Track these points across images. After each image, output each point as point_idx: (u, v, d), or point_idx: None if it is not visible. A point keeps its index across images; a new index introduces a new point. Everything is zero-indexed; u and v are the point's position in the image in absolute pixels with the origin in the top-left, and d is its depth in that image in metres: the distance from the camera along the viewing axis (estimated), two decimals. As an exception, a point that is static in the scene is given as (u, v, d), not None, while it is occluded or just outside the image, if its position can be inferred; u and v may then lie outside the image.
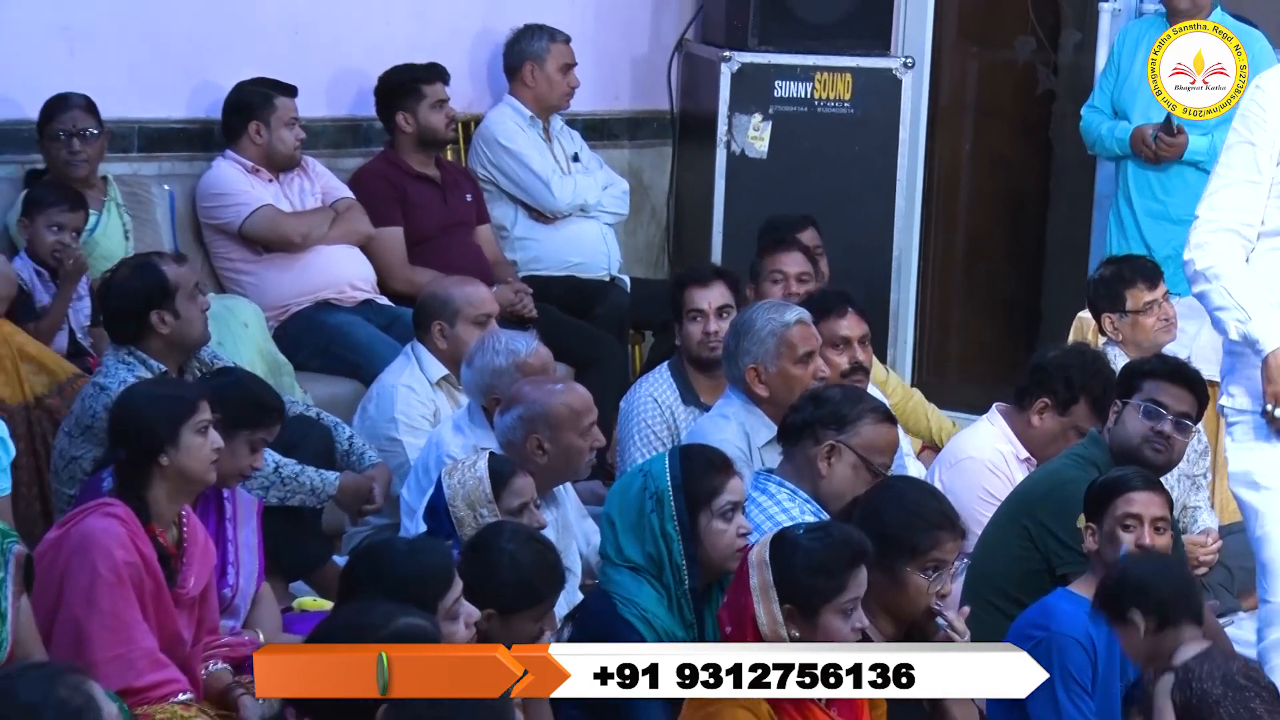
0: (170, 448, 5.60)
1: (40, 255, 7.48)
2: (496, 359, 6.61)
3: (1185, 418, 6.28)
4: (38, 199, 7.53)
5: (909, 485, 5.69)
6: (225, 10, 8.50)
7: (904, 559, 5.19)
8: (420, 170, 8.68)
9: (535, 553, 5.31)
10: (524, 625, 5.17)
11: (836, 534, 4.96)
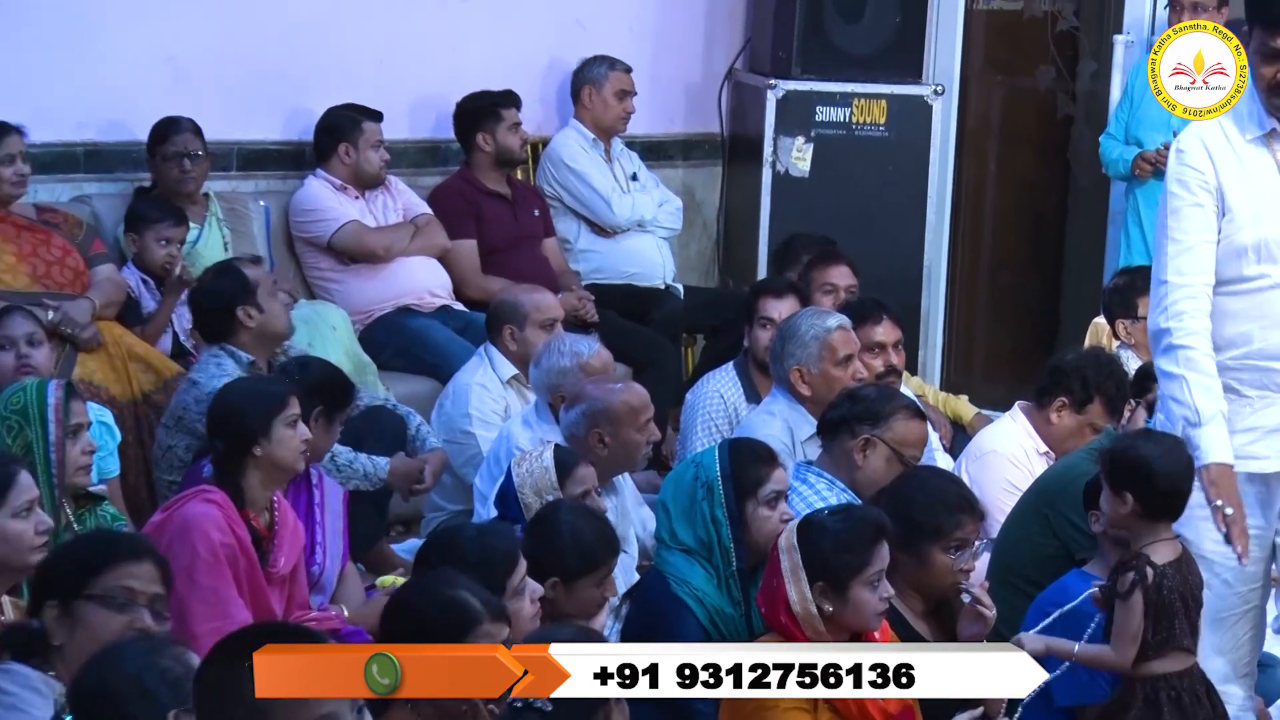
0: (263, 439, 5.62)
1: (149, 266, 7.51)
2: (562, 360, 6.62)
3: None
4: (144, 215, 7.56)
5: (930, 473, 5.68)
6: (316, 41, 8.52)
7: (929, 540, 5.17)
8: (493, 188, 8.69)
9: (591, 523, 5.35)
10: (586, 590, 5.19)
11: (858, 514, 4.97)
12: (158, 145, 7.82)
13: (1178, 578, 4.87)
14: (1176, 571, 4.87)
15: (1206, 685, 4.93)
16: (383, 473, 6.75)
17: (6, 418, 5.36)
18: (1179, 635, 4.85)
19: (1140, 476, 4.98)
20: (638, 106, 9.16)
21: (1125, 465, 5.04)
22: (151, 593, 4.20)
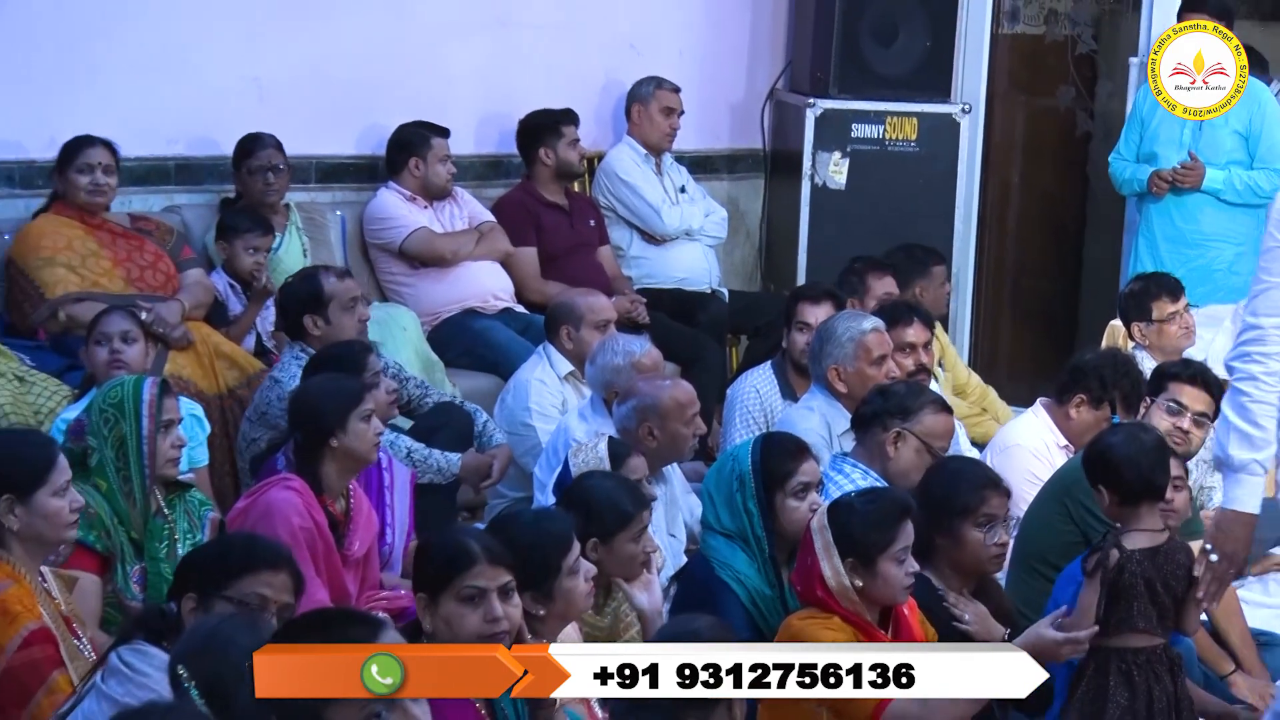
0: (340, 432, 5.64)
1: (238, 273, 7.54)
2: (615, 358, 6.61)
3: (1202, 415, 6.32)
4: (234, 225, 7.58)
5: (953, 459, 5.66)
6: (389, 63, 8.54)
7: (959, 518, 5.16)
8: (552, 199, 8.69)
9: (618, 482, 5.36)
10: (625, 546, 5.18)
11: (884, 495, 4.99)
12: (243, 159, 7.86)
13: (1147, 564, 4.89)
14: (1148, 559, 4.90)
15: (1171, 665, 4.94)
16: (455, 468, 6.78)
17: (104, 410, 5.38)
18: (1135, 617, 4.89)
19: (1108, 468, 5.03)
20: (686, 124, 9.15)
21: (1094, 460, 5.09)
22: (282, 601, 4.22)
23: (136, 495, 5.29)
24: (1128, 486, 4.98)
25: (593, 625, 5.22)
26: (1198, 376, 6.44)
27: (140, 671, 4.01)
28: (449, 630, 4.32)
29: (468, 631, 4.31)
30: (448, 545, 4.40)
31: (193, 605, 4.13)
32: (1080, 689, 4.95)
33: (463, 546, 4.35)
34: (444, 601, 4.33)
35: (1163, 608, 4.91)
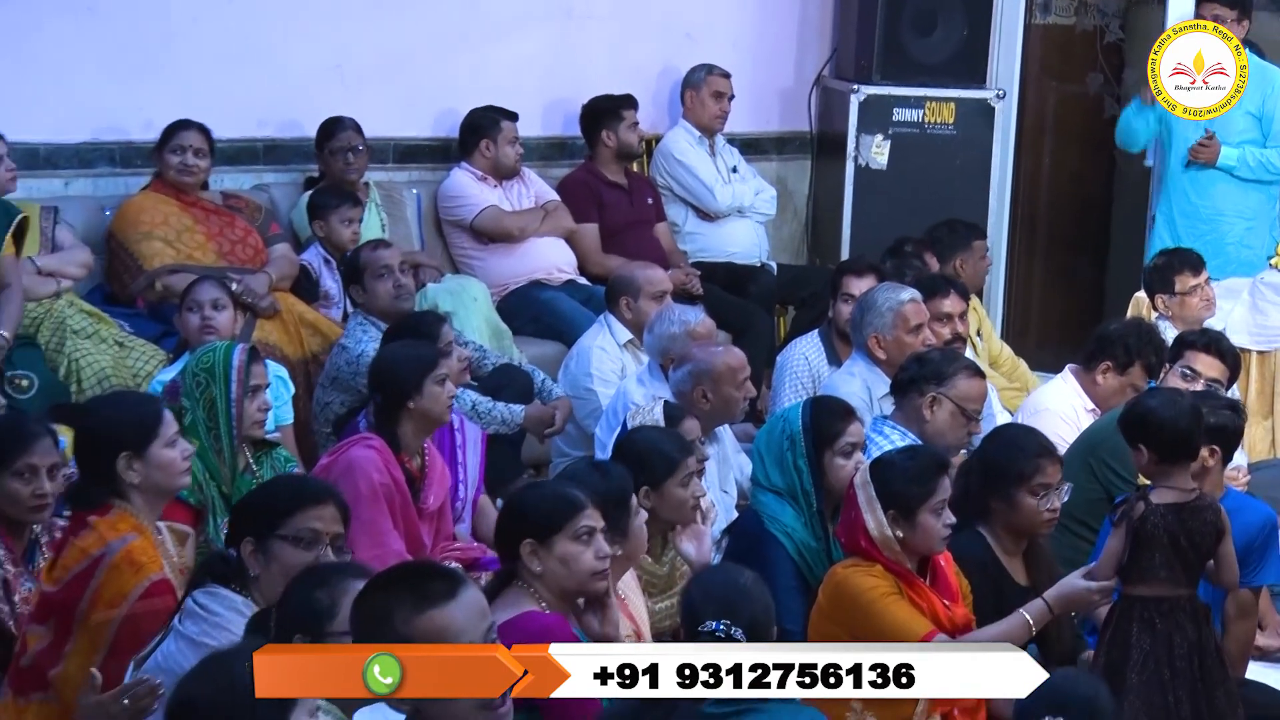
0: (416, 395, 5.65)
1: (338, 244, 7.57)
2: (671, 327, 6.61)
3: (1215, 382, 6.32)
4: (326, 203, 7.60)
5: (1011, 427, 5.56)
6: (461, 51, 8.54)
7: (1015, 485, 5.10)
8: (613, 179, 8.68)
9: (661, 431, 5.38)
10: (675, 491, 5.18)
11: (922, 451, 5.01)
12: (325, 141, 7.88)
13: (1171, 518, 4.84)
14: (1173, 513, 4.85)
15: (1196, 615, 4.89)
16: (519, 418, 6.80)
17: (197, 374, 5.39)
18: (1156, 567, 4.84)
19: (1148, 428, 4.97)
20: (738, 108, 9.12)
21: (1134, 421, 5.04)
22: (333, 532, 4.22)
23: (226, 453, 5.30)
24: (1167, 446, 4.94)
25: (651, 573, 5.23)
26: (1212, 345, 6.44)
27: (213, 611, 4.03)
28: (565, 569, 4.33)
29: (584, 567, 4.33)
30: (558, 493, 4.43)
31: (251, 549, 4.12)
32: (1107, 635, 4.92)
33: (572, 494, 4.38)
34: (558, 543, 4.33)
35: (1186, 560, 4.86)
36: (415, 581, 3.23)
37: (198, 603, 4.05)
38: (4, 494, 4.79)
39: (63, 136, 7.50)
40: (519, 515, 4.42)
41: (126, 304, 7.23)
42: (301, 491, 4.29)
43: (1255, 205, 8.77)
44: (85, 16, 7.48)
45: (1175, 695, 4.80)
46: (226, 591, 4.07)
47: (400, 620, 3.14)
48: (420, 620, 3.14)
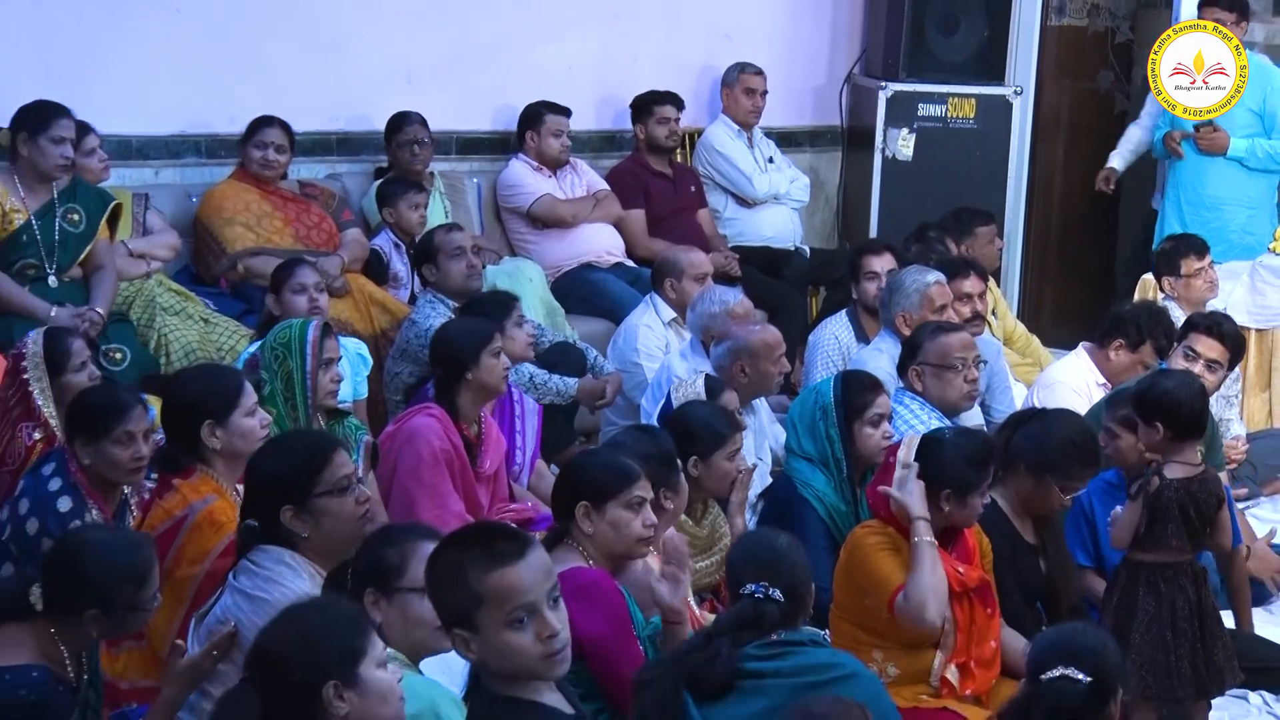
0: (474, 367, 5.63)
1: (407, 227, 7.55)
2: (712, 306, 6.58)
3: (1215, 362, 6.29)
4: (394, 191, 7.59)
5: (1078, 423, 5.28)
6: (520, 51, 8.51)
7: (1057, 478, 5.01)
8: (658, 169, 8.66)
9: (712, 407, 5.36)
10: (721, 463, 5.19)
11: (976, 435, 4.95)
12: (393, 134, 7.87)
13: (1183, 491, 4.81)
14: (1184, 486, 4.82)
15: (1195, 578, 4.86)
16: (572, 390, 6.79)
17: (275, 349, 5.38)
18: (1168, 535, 4.81)
19: (1166, 408, 4.91)
20: (774, 103, 9.08)
21: (1152, 400, 4.96)
22: (354, 469, 4.19)
23: (301, 421, 5.28)
24: (1182, 424, 4.90)
25: (693, 534, 5.22)
26: (1214, 328, 6.39)
27: (264, 566, 4.01)
28: (614, 532, 4.31)
29: (631, 533, 4.32)
30: (616, 463, 4.39)
31: (292, 513, 4.06)
32: (1114, 598, 4.88)
33: (628, 465, 4.35)
34: (610, 509, 4.31)
35: (1193, 528, 4.83)
36: (488, 541, 3.22)
37: (250, 559, 4.03)
38: (104, 458, 4.79)
39: (153, 129, 7.51)
40: (577, 479, 4.38)
41: (211, 284, 7.24)
42: (320, 449, 4.19)
43: (1257, 194, 8.75)
44: (173, 19, 7.48)
45: (1177, 653, 4.77)
46: (273, 547, 4.04)
47: (473, 576, 3.14)
48: (492, 577, 3.13)
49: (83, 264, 6.57)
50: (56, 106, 6.46)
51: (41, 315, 6.27)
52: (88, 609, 3.86)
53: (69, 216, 6.51)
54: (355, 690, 3.10)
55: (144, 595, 3.92)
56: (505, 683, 3.20)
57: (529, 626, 3.14)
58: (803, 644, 3.94)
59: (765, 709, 3.78)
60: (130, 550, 3.99)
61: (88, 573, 3.88)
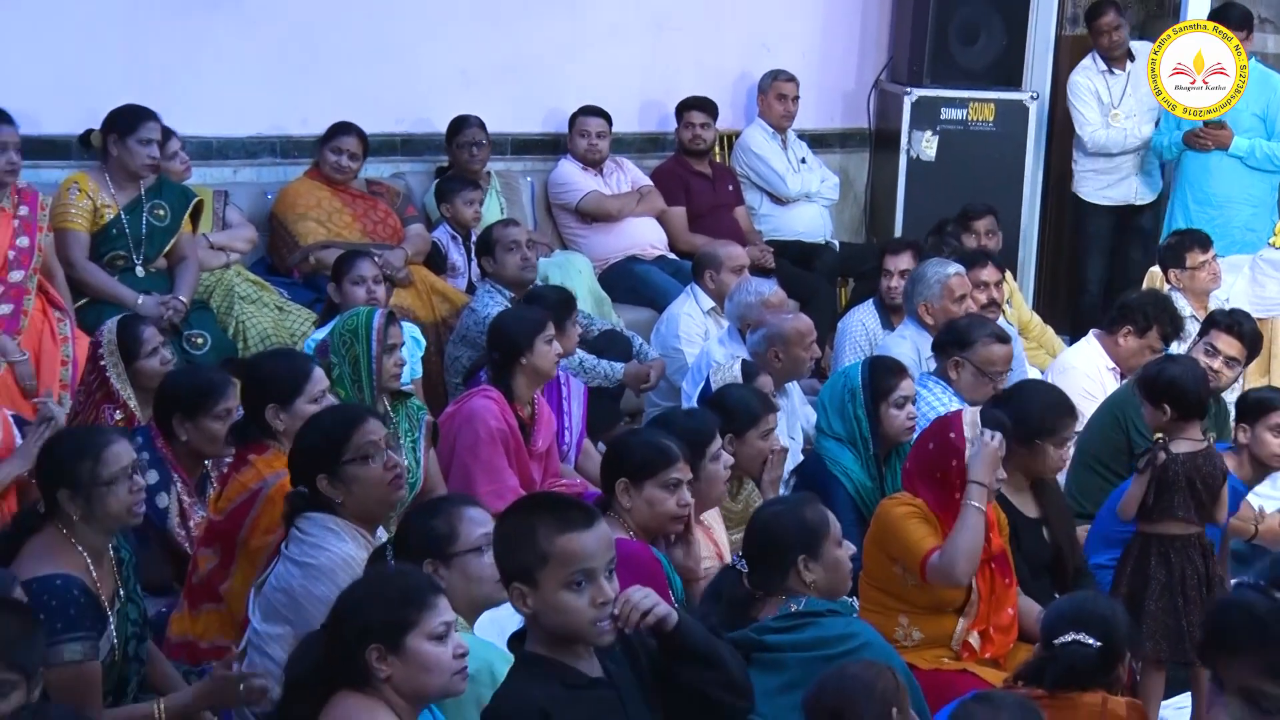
0: (528, 352, 5.62)
1: (462, 222, 7.58)
2: (749, 296, 6.57)
3: (1233, 360, 6.25)
4: (451, 188, 7.62)
5: (1039, 385, 5.40)
6: (569, 60, 8.47)
7: (1044, 437, 4.98)
8: (698, 169, 8.62)
9: (748, 389, 5.33)
10: (755, 441, 5.16)
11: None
12: (453, 136, 7.87)
13: (1189, 465, 4.79)
14: (1189, 461, 4.80)
15: (1204, 550, 4.82)
16: (618, 374, 6.79)
17: (343, 335, 5.38)
18: (1175, 507, 4.78)
19: (1173, 390, 4.90)
20: (806, 107, 9.03)
21: (1159, 385, 4.95)
22: (385, 436, 4.17)
23: (367, 401, 5.28)
24: (1187, 405, 4.89)
25: (729, 510, 5.20)
26: (1234, 327, 6.33)
27: (309, 533, 4.02)
28: (649, 509, 4.30)
29: (665, 511, 4.31)
30: (657, 444, 4.36)
31: (327, 481, 4.06)
32: (1127, 569, 4.84)
33: (668, 447, 4.33)
34: (647, 487, 4.30)
35: (1199, 501, 4.81)
36: (560, 509, 3.25)
37: (298, 528, 4.04)
38: (204, 433, 4.84)
39: (232, 132, 7.53)
40: (620, 456, 4.38)
41: (285, 274, 7.26)
42: (347, 419, 4.19)
43: (1259, 193, 8.71)
44: (250, 29, 7.50)
45: (1188, 620, 4.75)
46: (321, 515, 4.04)
47: (543, 538, 3.14)
48: (561, 540, 3.14)
49: (167, 255, 6.60)
50: (144, 110, 6.49)
51: (129, 303, 6.30)
52: (63, 489, 3.93)
53: (155, 212, 6.54)
54: (399, 657, 3.11)
55: (102, 471, 3.94)
56: (547, 643, 3.20)
57: (585, 591, 3.14)
58: (820, 614, 3.91)
59: (784, 683, 3.76)
60: (88, 434, 4.24)
61: (57, 455, 4.02)
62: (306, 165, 7.51)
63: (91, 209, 6.44)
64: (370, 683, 3.11)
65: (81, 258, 6.41)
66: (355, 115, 7.45)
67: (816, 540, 3.95)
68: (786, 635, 3.83)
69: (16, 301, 6.02)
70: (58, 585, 3.81)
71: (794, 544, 3.94)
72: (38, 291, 6.11)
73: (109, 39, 7.10)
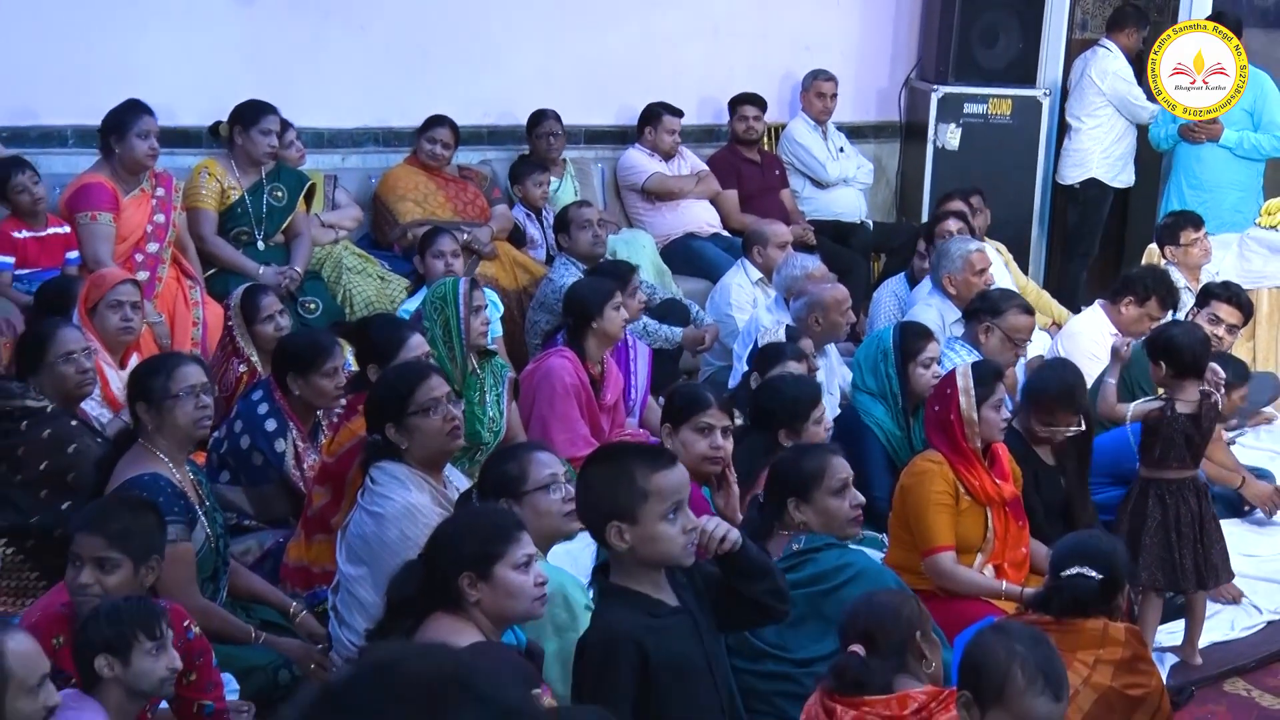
0: (598, 317, 5.60)
1: (533, 202, 7.56)
2: (794, 270, 6.53)
3: (1233, 326, 6.26)
4: (524, 172, 7.61)
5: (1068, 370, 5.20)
6: (637, 58, 8.41)
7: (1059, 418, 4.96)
8: (748, 156, 8.56)
9: (799, 379, 5.21)
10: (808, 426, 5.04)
11: (983, 364, 4.86)
12: (533, 127, 7.85)
13: (1187, 421, 4.74)
14: (1187, 416, 4.75)
15: (1198, 491, 4.77)
16: (678, 337, 6.76)
17: (434, 301, 5.38)
18: (1173, 456, 4.73)
19: (1171, 350, 4.85)
20: (844, 102, 8.95)
21: (1160, 344, 4.91)
22: (448, 392, 4.12)
23: (458, 359, 5.28)
24: (1184, 365, 4.83)
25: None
26: (1233, 298, 6.31)
27: (378, 482, 4.01)
28: (684, 452, 4.28)
29: (695, 452, 4.29)
30: (691, 392, 4.39)
31: (394, 429, 4.05)
32: (1127, 508, 4.79)
33: (701, 393, 4.33)
34: (683, 430, 4.28)
35: (1195, 449, 4.77)
36: (649, 452, 3.28)
37: (370, 477, 4.03)
38: (313, 389, 4.86)
39: (341, 124, 7.53)
40: (666, 404, 4.45)
41: (386, 248, 7.26)
42: (412, 375, 4.17)
43: (1246, 179, 8.62)
44: (357, 34, 7.50)
45: (1180, 553, 4.71)
46: (391, 464, 4.03)
47: (640, 475, 3.11)
48: (655, 477, 3.11)
49: (284, 232, 6.62)
50: (265, 105, 6.50)
51: (251, 273, 6.33)
52: (140, 402, 4.01)
53: (274, 193, 6.55)
54: (488, 584, 3.10)
55: (171, 386, 4.00)
56: (633, 576, 3.17)
57: (678, 520, 3.11)
58: (818, 549, 3.85)
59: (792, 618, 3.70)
60: (165, 355, 4.53)
61: (138, 373, 4.13)
62: (405, 153, 7.51)
63: (219, 191, 6.47)
64: (461, 606, 3.11)
65: (210, 233, 6.45)
66: (448, 109, 7.45)
67: (808, 488, 3.89)
68: (790, 574, 3.78)
69: (152, 270, 6.07)
70: (146, 480, 3.91)
71: (787, 487, 3.90)
72: (172, 263, 6.16)
73: (235, 42, 7.11)
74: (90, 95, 6.37)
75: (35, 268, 5.85)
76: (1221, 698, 4.66)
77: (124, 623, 3.10)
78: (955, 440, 4.56)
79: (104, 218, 5.97)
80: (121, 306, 5.16)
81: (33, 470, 4.34)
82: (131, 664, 3.09)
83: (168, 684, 3.15)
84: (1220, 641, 4.95)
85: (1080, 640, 3.65)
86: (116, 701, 3.09)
